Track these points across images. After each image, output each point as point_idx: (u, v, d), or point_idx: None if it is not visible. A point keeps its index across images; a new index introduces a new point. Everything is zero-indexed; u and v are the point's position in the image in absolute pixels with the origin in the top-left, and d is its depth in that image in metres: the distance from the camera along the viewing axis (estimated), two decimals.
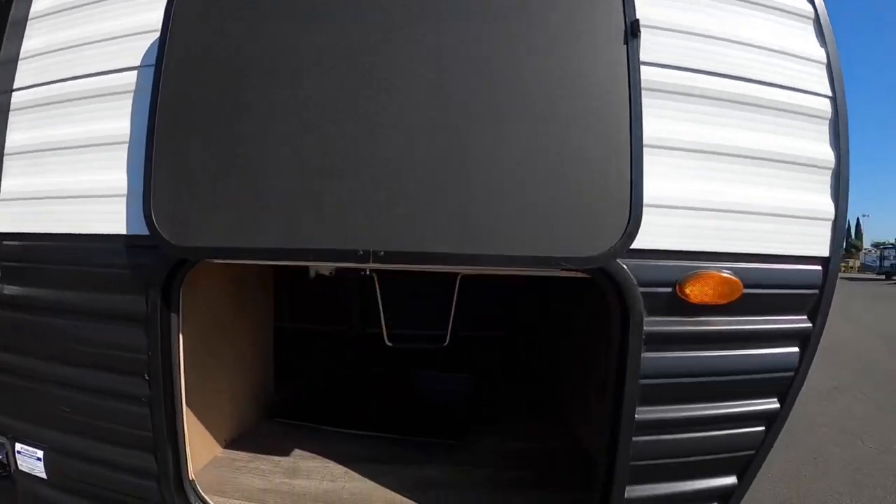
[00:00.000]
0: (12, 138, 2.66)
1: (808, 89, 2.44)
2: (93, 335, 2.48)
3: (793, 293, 2.45)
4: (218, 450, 3.23)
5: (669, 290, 2.28)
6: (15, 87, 2.67)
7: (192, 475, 2.57)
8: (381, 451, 3.35)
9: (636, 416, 2.34)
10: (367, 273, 3.20)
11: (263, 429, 3.60)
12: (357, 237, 2.07)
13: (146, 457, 2.48)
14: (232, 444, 3.34)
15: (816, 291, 2.44)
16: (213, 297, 3.10)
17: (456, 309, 3.49)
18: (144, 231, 2.29)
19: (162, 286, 2.35)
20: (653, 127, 2.21)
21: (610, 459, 2.39)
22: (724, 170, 2.35)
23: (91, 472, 2.59)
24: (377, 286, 3.34)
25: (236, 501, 2.79)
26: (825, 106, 2.46)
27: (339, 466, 3.16)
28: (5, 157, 2.66)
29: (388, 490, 2.96)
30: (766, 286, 2.39)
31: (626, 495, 2.40)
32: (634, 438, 2.35)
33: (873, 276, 47.62)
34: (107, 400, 2.50)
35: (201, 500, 2.55)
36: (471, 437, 3.58)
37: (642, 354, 2.30)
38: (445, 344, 3.43)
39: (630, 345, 2.28)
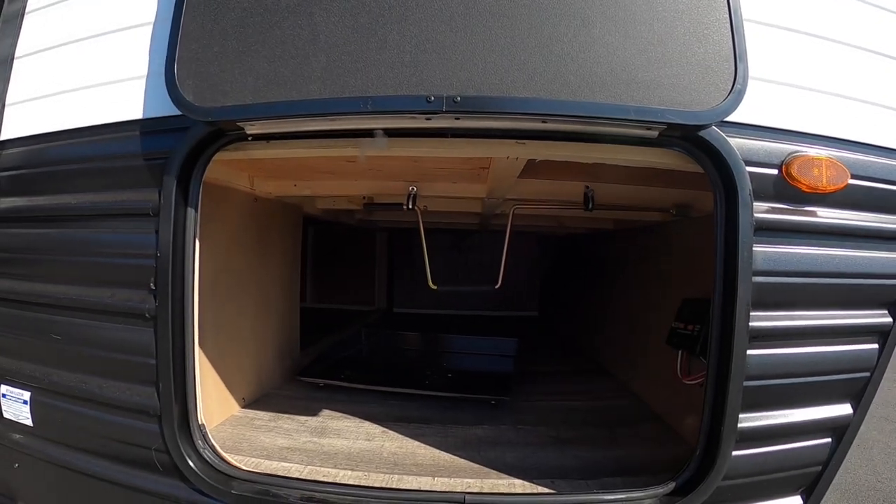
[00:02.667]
0: (25, 40, 2.10)
1: None
2: (96, 242, 1.89)
3: None
4: (235, 409, 2.51)
5: (775, 171, 1.78)
6: None
7: (201, 418, 1.86)
8: (421, 411, 2.66)
9: (750, 322, 1.71)
10: (410, 207, 2.62)
11: (287, 389, 2.89)
12: (427, 81, 1.51)
13: (147, 391, 1.81)
14: (251, 404, 2.61)
15: None
16: (235, 229, 2.49)
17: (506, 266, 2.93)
18: (162, 111, 1.78)
19: (178, 174, 1.76)
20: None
21: (720, 380, 1.75)
22: (832, 55, 1.87)
23: (83, 415, 1.91)
24: (420, 222, 2.75)
25: (254, 459, 2.09)
26: None
27: (376, 426, 2.46)
28: (16, 60, 2.09)
29: (434, 449, 2.26)
30: (872, 178, 1.88)
31: (738, 424, 1.74)
32: (749, 351, 1.73)
33: None
34: (106, 320, 1.86)
35: (211, 448, 1.84)
36: (522, 398, 2.89)
37: (754, 247, 1.71)
38: (497, 286, 2.82)
39: (740, 235, 1.71)
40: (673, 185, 2.57)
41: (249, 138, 1.77)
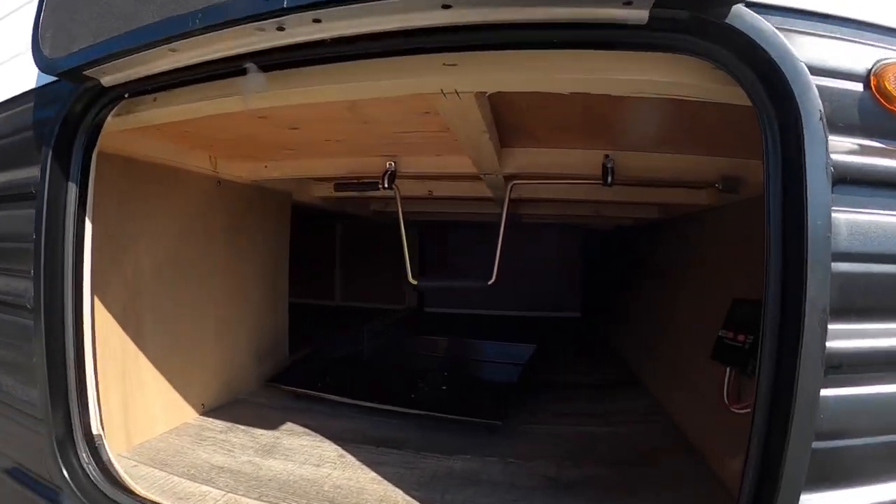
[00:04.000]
0: None
1: None
2: None
3: None
4: (190, 416, 2.21)
5: (859, 86, 1.04)
6: None
7: (97, 427, 1.55)
8: (396, 432, 2.14)
9: (828, 342, 0.98)
10: (387, 186, 2.17)
11: (260, 396, 2.53)
12: None
13: (32, 393, 1.53)
14: (212, 411, 2.29)
15: None
16: (191, 215, 2.19)
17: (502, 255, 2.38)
18: (45, 80, 1.54)
19: (54, 144, 1.47)
20: None
21: (773, 439, 1.03)
22: None
23: None
24: (398, 202, 2.29)
25: (176, 478, 1.73)
26: None
27: (335, 448, 2.00)
28: None
29: (389, 484, 1.75)
30: None
31: None
32: (824, 392, 1.00)
33: None
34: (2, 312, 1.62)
35: (96, 464, 1.50)
36: (526, 418, 2.26)
37: (832, 211, 0.98)
38: (492, 281, 2.35)
39: (809, 190, 0.98)
40: (716, 151, 1.83)
41: (126, 95, 1.43)
